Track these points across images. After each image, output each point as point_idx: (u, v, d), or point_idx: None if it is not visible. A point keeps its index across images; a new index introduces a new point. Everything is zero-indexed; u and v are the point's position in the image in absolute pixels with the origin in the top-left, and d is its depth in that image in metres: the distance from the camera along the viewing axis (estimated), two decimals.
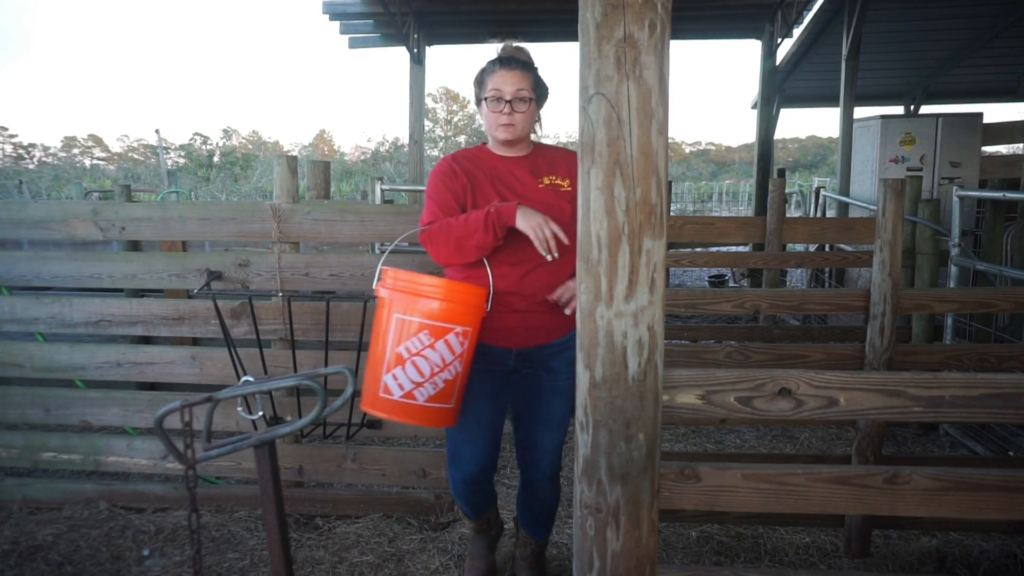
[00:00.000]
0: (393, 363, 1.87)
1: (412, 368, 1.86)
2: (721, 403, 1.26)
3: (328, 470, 2.92)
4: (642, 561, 1.27)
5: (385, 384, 1.88)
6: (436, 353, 1.86)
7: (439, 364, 1.87)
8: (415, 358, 1.86)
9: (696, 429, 3.98)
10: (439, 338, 1.86)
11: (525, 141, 2.13)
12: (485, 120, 2.08)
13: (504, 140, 2.06)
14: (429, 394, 1.89)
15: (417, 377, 1.87)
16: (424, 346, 1.85)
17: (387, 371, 1.87)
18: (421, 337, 1.85)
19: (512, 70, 2.01)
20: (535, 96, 2.06)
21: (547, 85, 2.12)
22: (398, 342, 1.86)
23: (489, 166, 2.10)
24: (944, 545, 2.60)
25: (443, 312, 1.86)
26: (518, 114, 2.02)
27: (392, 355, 1.86)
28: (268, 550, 1.51)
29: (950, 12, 8.71)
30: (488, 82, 2.03)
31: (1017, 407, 1.21)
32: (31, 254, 2.95)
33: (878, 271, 2.42)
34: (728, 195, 29.95)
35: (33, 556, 2.62)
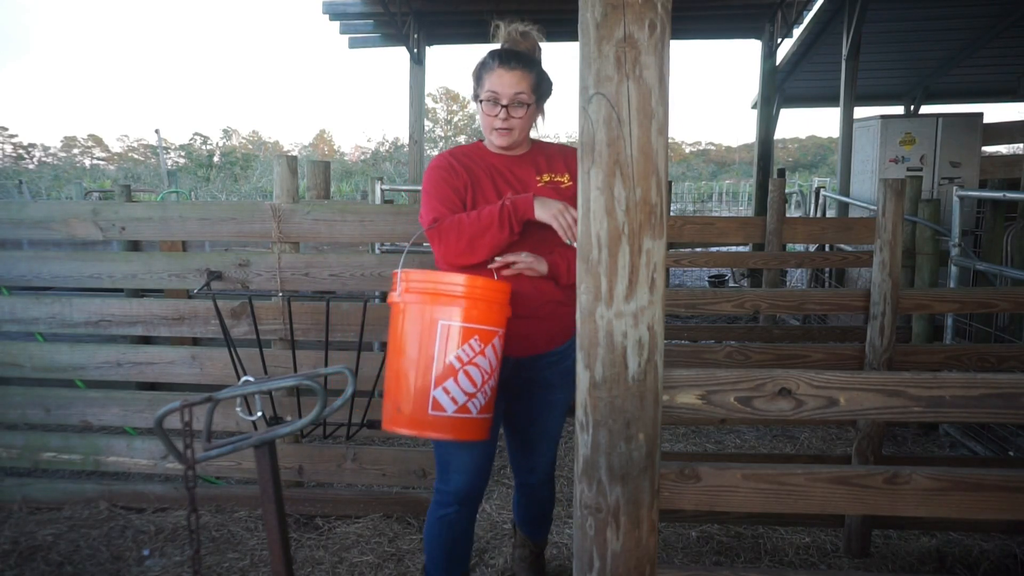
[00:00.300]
0: (444, 375, 1.72)
1: (465, 379, 1.73)
2: (721, 403, 1.26)
3: (328, 470, 2.92)
4: (642, 561, 1.27)
5: (435, 400, 1.72)
6: (486, 359, 1.76)
7: (488, 371, 1.77)
8: (468, 367, 1.73)
9: (696, 429, 3.98)
10: (488, 343, 1.76)
11: (525, 141, 2.03)
12: (481, 120, 1.96)
13: (499, 146, 1.96)
14: (481, 404, 1.77)
15: (470, 388, 1.74)
16: (476, 353, 1.74)
17: (436, 385, 1.72)
18: (472, 344, 1.73)
19: (512, 70, 1.86)
20: (536, 98, 1.92)
21: (551, 80, 1.99)
22: (447, 351, 1.72)
23: (487, 164, 1.99)
24: (944, 545, 2.60)
25: (489, 314, 1.75)
26: (515, 119, 1.89)
27: (443, 366, 1.71)
28: (268, 550, 1.52)
29: (950, 12, 8.72)
30: (485, 80, 1.89)
31: (1017, 407, 1.21)
32: (31, 254, 2.95)
33: (878, 271, 2.42)
34: (728, 195, 29.95)
35: (33, 556, 2.62)
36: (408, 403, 1.75)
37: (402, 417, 1.76)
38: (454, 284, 1.74)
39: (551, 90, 2.01)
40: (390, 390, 1.78)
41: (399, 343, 1.77)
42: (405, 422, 1.76)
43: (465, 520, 2.08)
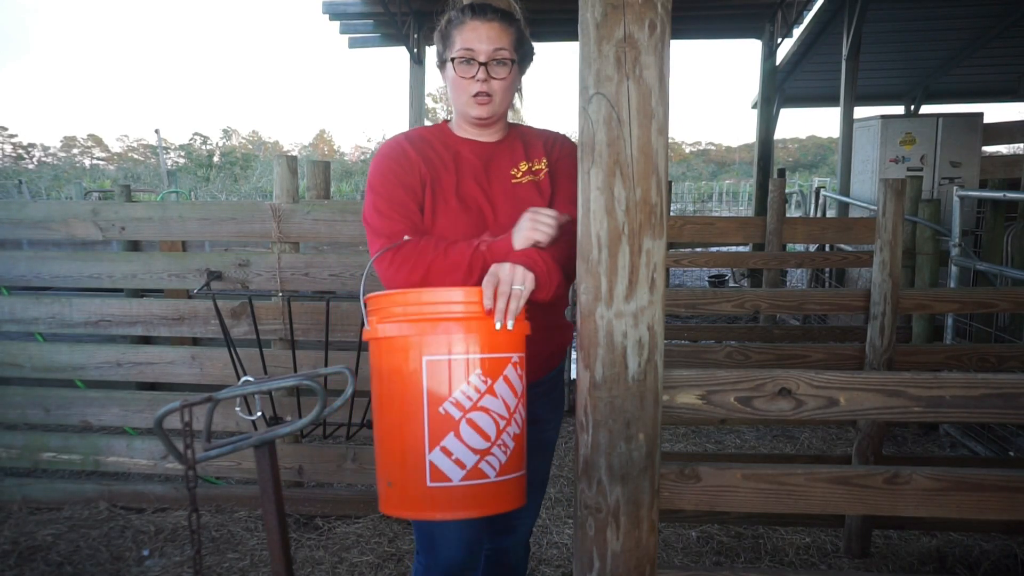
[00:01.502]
0: (439, 431, 1.28)
1: (470, 431, 1.28)
2: (721, 403, 1.26)
3: (328, 470, 2.92)
4: (642, 561, 1.27)
5: (433, 466, 1.28)
6: (497, 399, 1.31)
7: (503, 414, 1.32)
8: (473, 413, 1.29)
9: (696, 429, 3.98)
10: (497, 375, 1.32)
11: (503, 120, 1.62)
12: (452, 89, 1.55)
13: (478, 117, 1.54)
14: (501, 462, 1.32)
15: (480, 442, 1.29)
16: (482, 392, 1.29)
17: (431, 447, 1.28)
18: (474, 380, 1.29)
19: (488, 21, 1.49)
20: (517, 57, 1.54)
21: (532, 45, 1.61)
22: (440, 397, 1.28)
23: (453, 152, 1.59)
24: (944, 545, 2.60)
25: (494, 336, 1.32)
26: (496, 81, 1.50)
27: (435, 419, 1.28)
28: (268, 550, 1.51)
29: (950, 12, 8.72)
30: (456, 38, 1.51)
31: (1017, 407, 1.21)
32: (31, 254, 2.95)
33: (878, 271, 2.41)
34: (728, 195, 29.96)
35: (33, 556, 2.62)
36: (399, 475, 1.32)
37: (394, 495, 1.34)
38: (444, 302, 1.32)
39: (532, 56, 1.63)
40: (378, 457, 1.38)
41: (379, 392, 1.36)
42: (398, 502, 1.34)
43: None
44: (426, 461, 1.29)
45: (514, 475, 1.36)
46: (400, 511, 1.36)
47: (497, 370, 1.32)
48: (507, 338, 1.34)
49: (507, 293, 1.32)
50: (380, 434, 1.37)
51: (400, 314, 1.34)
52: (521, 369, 1.38)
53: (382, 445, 1.36)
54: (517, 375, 1.36)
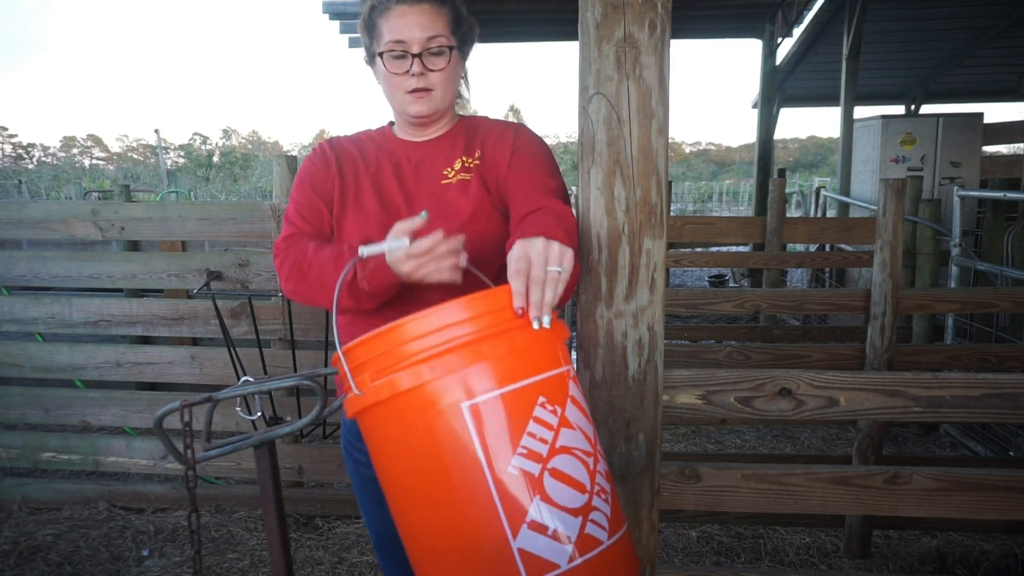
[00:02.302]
0: (518, 502, 0.89)
1: (559, 486, 0.91)
2: (721, 403, 1.26)
3: (328, 470, 2.92)
4: (642, 561, 1.27)
5: (527, 556, 0.89)
6: (575, 431, 0.95)
7: (588, 449, 0.96)
8: (555, 460, 0.91)
9: (696, 429, 3.98)
10: (563, 398, 0.95)
11: (448, 114, 1.41)
12: (385, 87, 1.35)
13: (417, 115, 1.34)
14: (607, 515, 0.95)
15: (577, 497, 0.92)
16: (555, 427, 0.93)
17: (515, 530, 0.89)
18: (541, 413, 0.92)
19: (417, 4, 1.29)
20: (456, 42, 1.33)
21: (472, 21, 1.40)
22: (504, 452, 0.89)
23: (387, 154, 1.41)
24: (944, 545, 2.60)
25: (545, 346, 0.96)
26: (435, 73, 1.30)
27: (506, 486, 0.89)
28: (268, 550, 1.51)
29: (950, 12, 8.72)
30: (383, 28, 1.30)
31: (1018, 407, 1.21)
32: (30, 254, 2.95)
33: (879, 271, 2.41)
34: (728, 195, 29.97)
35: (33, 556, 2.62)
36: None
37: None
38: (450, 318, 0.92)
39: (474, 35, 1.41)
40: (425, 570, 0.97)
41: (400, 482, 0.96)
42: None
43: None
44: (513, 553, 0.88)
45: (624, 531, 0.98)
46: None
47: (561, 391, 0.95)
48: (556, 345, 0.99)
49: (542, 278, 0.97)
50: (421, 543, 0.95)
51: (406, 358, 0.92)
52: (579, 383, 1.03)
53: (429, 558, 0.94)
54: (581, 392, 1.01)
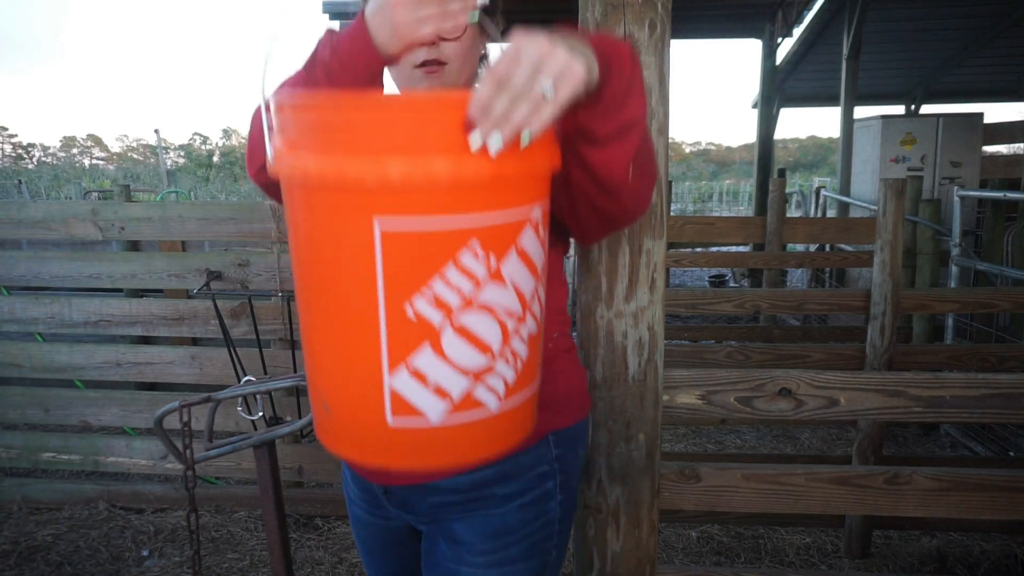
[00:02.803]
0: (406, 343, 0.77)
1: (460, 343, 0.78)
2: (721, 403, 1.26)
3: (328, 470, 2.92)
4: (642, 561, 1.27)
5: (397, 397, 0.78)
6: (507, 288, 0.79)
7: (515, 310, 0.80)
8: (465, 315, 0.77)
9: (696, 429, 3.98)
10: (505, 248, 0.77)
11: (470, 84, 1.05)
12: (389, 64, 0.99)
13: None
14: (507, 382, 0.82)
15: (476, 359, 0.79)
16: (481, 280, 0.76)
17: (393, 366, 0.77)
18: (468, 261, 0.75)
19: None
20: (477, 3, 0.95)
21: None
22: (407, 290, 0.75)
23: None
24: (945, 545, 2.60)
25: (504, 177, 0.74)
26: (449, 43, 0.96)
27: (399, 325, 0.76)
28: (268, 550, 1.51)
29: (951, 12, 8.72)
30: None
31: (1018, 407, 1.21)
32: (30, 254, 2.95)
33: (879, 271, 2.41)
34: (728, 195, 29.96)
35: (33, 556, 2.62)
36: (338, 401, 0.83)
37: (333, 426, 0.85)
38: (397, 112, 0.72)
39: (499, 7, 1.06)
40: (306, 360, 0.87)
41: (302, 259, 0.81)
42: (339, 437, 0.85)
43: None
44: (385, 388, 0.78)
45: (524, 394, 0.85)
46: (341, 448, 0.86)
47: (506, 240, 0.76)
48: (525, 178, 0.76)
49: (518, 90, 0.69)
50: (306, 326, 0.84)
51: (331, 131, 0.73)
52: (544, 230, 0.83)
53: (310, 346, 0.84)
54: (538, 242, 0.81)
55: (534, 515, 1.04)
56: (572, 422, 1.09)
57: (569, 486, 1.08)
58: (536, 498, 1.04)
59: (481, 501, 1.03)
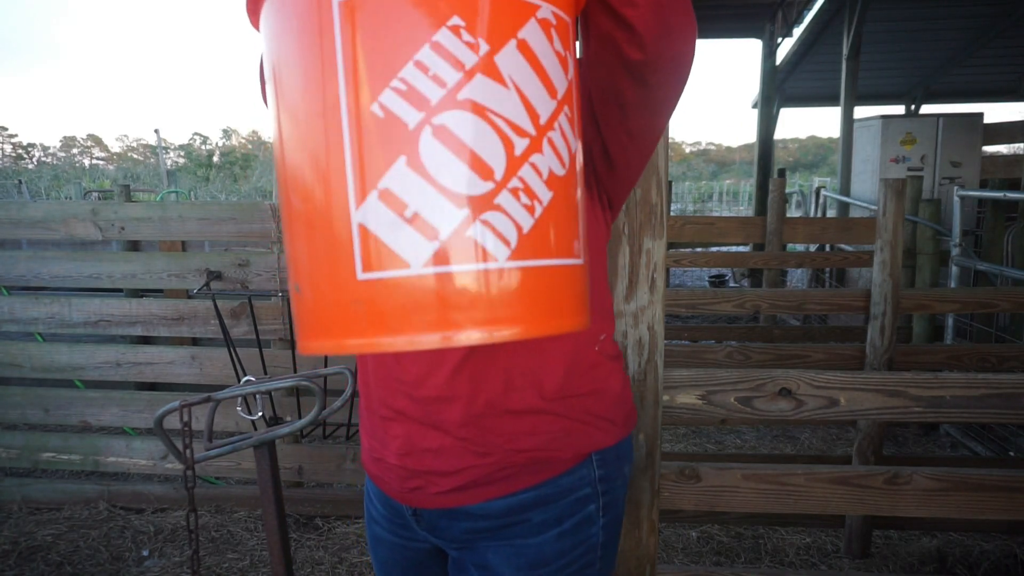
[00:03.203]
0: (377, 156, 0.60)
1: (439, 151, 0.60)
2: (721, 403, 1.26)
3: (328, 470, 2.92)
4: (642, 561, 1.27)
5: (367, 234, 0.60)
6: (507, 88, 0.63)
7: (522, 122, 0.64)
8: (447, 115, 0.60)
9: (696, 429, 3.98)
10: (503, 37, 0.63)
11: None
12: None
13: None
14: (520, 226, 0.63)
15: (468, 180, 0.61)
16: (464, 65, 0.61)
17: (362, 192, 0.60)
18: (447, 41, 0.60)
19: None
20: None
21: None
22: (375, 79, 0.60)
23: None
24: (945, 545, 2.60)
25: None
26: None
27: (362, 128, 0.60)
28: (268, 550, 1.51)
29: (951, 12, 8.72)
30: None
31: (1018, 407, 1.21)
32: (30, 254, 2.95)
33: (879, 271, 2.41)
34: (728, 195, 29.97)
35: (33, 556, 2.62)
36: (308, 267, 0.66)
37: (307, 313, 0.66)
38: None
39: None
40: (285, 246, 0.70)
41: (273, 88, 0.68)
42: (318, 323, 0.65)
43: None
44: (352, 226, 0.61)
45: (554, 262, 0.66)
46: (313, 338, 0.66)
47: (502, 23, 0.63)
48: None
49: None
50: (280, 188, 0.69)
51: None
52: (572, 35, 0.71)
53: (284, 211, 0.69)
54: (552, 52, 0.67)
55: (572, 544, 0.95)
56: (618, 439, 0.99)
57: (614, 507, 0.99)
58: (576, 525, 0.95)
59: (516, 527, 0.94)
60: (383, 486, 1.03)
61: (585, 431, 0.93)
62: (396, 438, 0.96)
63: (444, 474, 0.93)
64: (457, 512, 0.96)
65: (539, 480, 0.93)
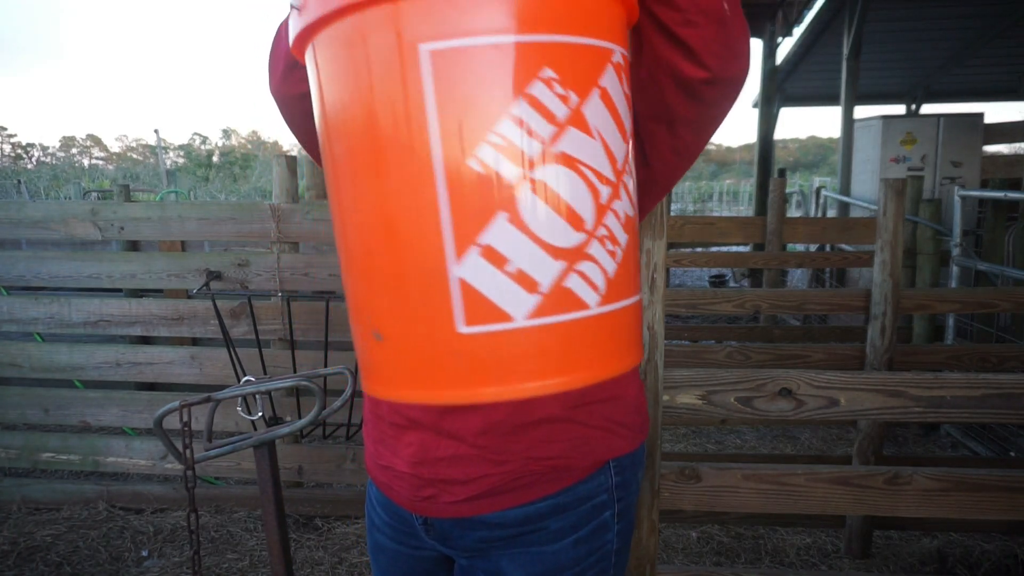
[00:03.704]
0: (474, 213, 0.60)
1: (543, 208, 0.61)
2: (721, 403, 1.26)
3: (328, 470, 2.92)
4: (642, 561, 1.27)
5: (468, 290, 0.61)
6: (593, 139, 0.63)
7: (604, 171, 0.65)
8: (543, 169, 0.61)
9: (696, 429, 3.98)
10: (588, 87, 0.63)
11: None
12: None
13: None
14: (607, 272, 0.66)
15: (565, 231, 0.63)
16: (560, 121, 0.61)
17: (461, 249, 0.60)
18: (541, 94, 0.60)
19: None
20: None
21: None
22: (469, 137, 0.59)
23: None
24: (945, 546, 2.60)
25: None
26: None
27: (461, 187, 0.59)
28: (267, 551, 1.51)
29: (951, 11, 8.71)
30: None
31: (1018, 407, 1.21)
32: (30, 254, 2.95)
33: (879, 271, 2.41)
34: (728, 195, 29.96)
35: (32, 556, 2.62)
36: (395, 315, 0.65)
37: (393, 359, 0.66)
38: None
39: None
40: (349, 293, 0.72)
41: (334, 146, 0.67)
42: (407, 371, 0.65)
43: None
44: (450, 283, 0.61)
45: (627, 302, 0.69)
46: (402, 387, 0.65)
47: (588, 73, 0.63)
48: (602, 7, 0.64)
49: None
50: (342, 232, 0.69)
51: None
52: (627, 76, 0.71)
53: (349, 256, 0.68)
54: (624, 95, 0.68)
55: (588, 551, 0.95)
56: (636, 445, 0.98)
57: (628, 513, 1.00)
58: (592, 531, 0.95)
59: (533, 535, 0.93)
60: (391, 494, 1.01)
61: (604, 438, 0.93)
62: (409, 446, 0.94)
63: (459, 483, 0.92)
64: (472, 521, 0.95)
65: (557, 488, 0.92)
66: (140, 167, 38.42)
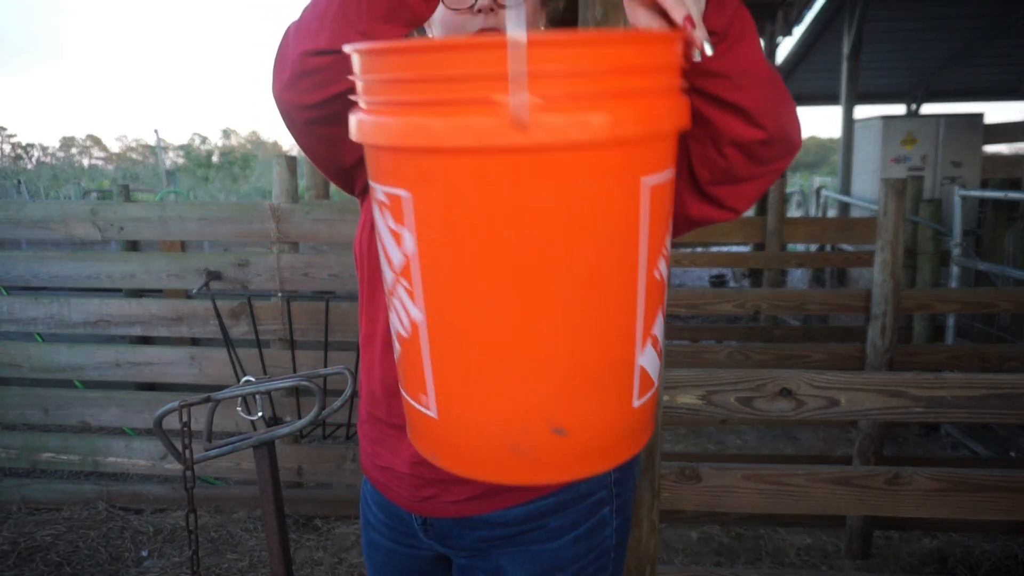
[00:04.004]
0: (654, 307, 0.72)
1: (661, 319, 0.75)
2: (722, 403, 1.26)
3: (327, 470, 2.92)
4: (642, 561, 1.27)
5: (643, 372, 0.73)
6: None
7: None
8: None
9: (697, 429, 3.97)
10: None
11: None
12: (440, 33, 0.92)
13: None
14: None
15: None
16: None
17: (644, 340, 0.71)
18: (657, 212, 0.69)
19: None
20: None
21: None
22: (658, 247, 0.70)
23: None
24: (945, 546, 2.60)
25: None
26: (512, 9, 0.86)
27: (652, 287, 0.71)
28: (267, 551, 1.51)
29: (951, 11, 8.71)
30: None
31: (1019, 407, 1.21)
32: (29, 254, 2.95)
33: (879, 271, 2.41)
34: None
35: (32, 557, 2.62)
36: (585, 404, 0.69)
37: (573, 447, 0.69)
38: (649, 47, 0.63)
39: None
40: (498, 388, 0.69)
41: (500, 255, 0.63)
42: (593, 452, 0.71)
43: None
44: (635, 371, 0.70)
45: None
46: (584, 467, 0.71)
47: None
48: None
49: None
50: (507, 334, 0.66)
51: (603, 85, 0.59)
52: None
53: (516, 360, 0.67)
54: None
55: (588, 548, 0.96)
56: None
57: (625, 510, 1.01)
58: (591, 528, 0.95)
59: (533, 534, 0.94)
60: (390, 494, 1.01)
61: None
62: (410, 447, 0.92)
63: (460, 482, 0.91)
64: (473, 520, 0.95)
65: (558, 486, 0.93)
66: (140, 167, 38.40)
